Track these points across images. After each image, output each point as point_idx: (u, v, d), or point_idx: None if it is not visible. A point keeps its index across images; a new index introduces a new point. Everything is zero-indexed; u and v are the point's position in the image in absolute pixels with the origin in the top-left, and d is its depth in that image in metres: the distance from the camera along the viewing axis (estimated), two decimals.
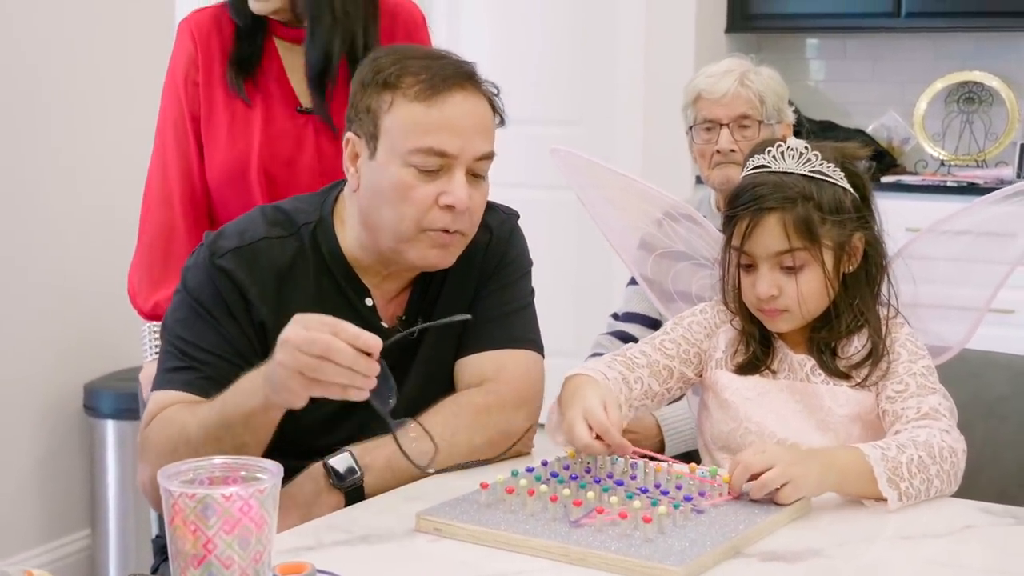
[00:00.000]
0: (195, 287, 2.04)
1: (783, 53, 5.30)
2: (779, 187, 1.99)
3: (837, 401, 2.02)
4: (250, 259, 2.03)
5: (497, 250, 2.18)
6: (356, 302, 2.08)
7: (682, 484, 1.85)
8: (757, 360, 2.08)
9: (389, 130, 1.98)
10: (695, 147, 3.00)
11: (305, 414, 2.05)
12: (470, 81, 2.01)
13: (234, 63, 2.62)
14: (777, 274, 2.01)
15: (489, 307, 2.15)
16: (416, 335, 2.10)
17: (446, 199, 1.96)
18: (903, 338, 2.06)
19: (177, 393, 1.99)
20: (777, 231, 1.99)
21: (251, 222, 2.10)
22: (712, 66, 3.03)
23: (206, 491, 1.32)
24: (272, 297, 2.03)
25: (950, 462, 1.90)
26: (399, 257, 2.03)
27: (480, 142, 1.99)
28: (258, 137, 2.60)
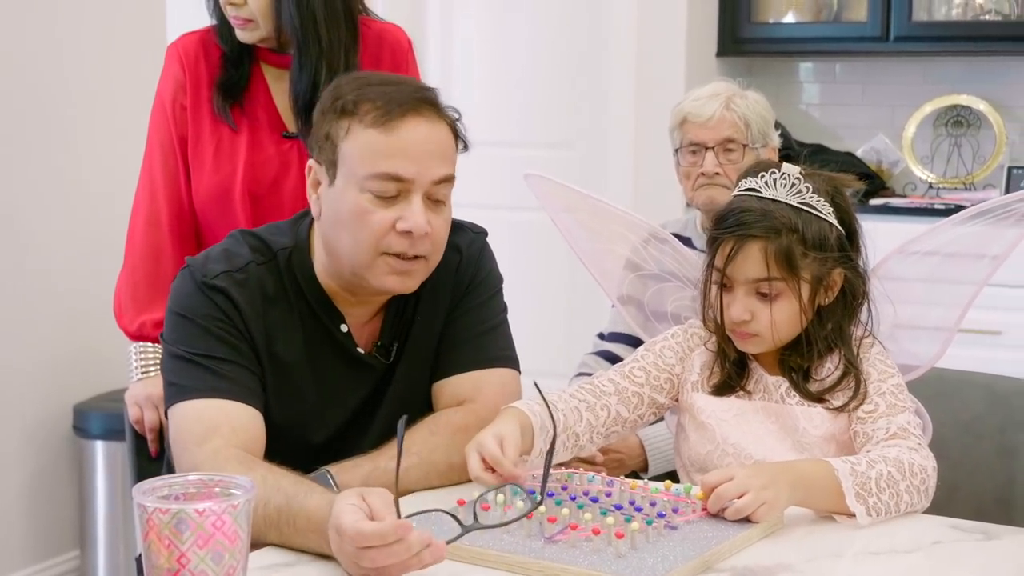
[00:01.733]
0: (188, 305, 2.05)
1: (773, 77, 5.34)
2: (766, 215, 2.01)
3: (812, 422, 2.05)
4: (241, 282, 2.06)
5: (468, 270, 2.21)
6: (332, 329, 2.11)
7: (656, 501, 1.88)
8: (732, 381, 2.10)
9: (347, 157, 1.99)
10: (680, 169, 3.04)
11: (315, 433, 2.10)
12: (427, 106, 2.01)
13: (220, 89, 2.65)
14: (752, 299, 2.03)
15: (463, 328, 2.18)
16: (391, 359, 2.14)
17: (403, 224, 1.97)
18: (872, 358, 2.08)
19: (207, 401, 1.98)
20: (758, 259, 2.00)
21: (233, 246, 2.12)
22: (699, 89, 3.06)
23: (180, 506, 1.35)
24: (261, 322, 2.06)
25: (920, 478, 1.93)
26: (361, 282, 2.05)
27: (437, 166, 2.00)
28: (243, 161, 2.63)
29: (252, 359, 2.04)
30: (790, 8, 5.23)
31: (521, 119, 5.26)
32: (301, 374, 2.09)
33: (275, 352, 2.06)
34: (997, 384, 2.45)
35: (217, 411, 1.98)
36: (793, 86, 5.49)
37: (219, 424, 1.96)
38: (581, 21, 5.15)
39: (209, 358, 2.01)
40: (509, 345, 2.25)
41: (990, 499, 2.34)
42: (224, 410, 1.98)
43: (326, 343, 2.11)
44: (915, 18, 4.94)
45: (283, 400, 2.08)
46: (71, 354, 3.86)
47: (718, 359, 2.13)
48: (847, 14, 5.15)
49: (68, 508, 3.88)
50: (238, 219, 2.61)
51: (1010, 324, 4.32)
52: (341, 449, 2.08)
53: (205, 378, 2.00)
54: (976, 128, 5.13)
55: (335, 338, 2.11)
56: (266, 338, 2.06)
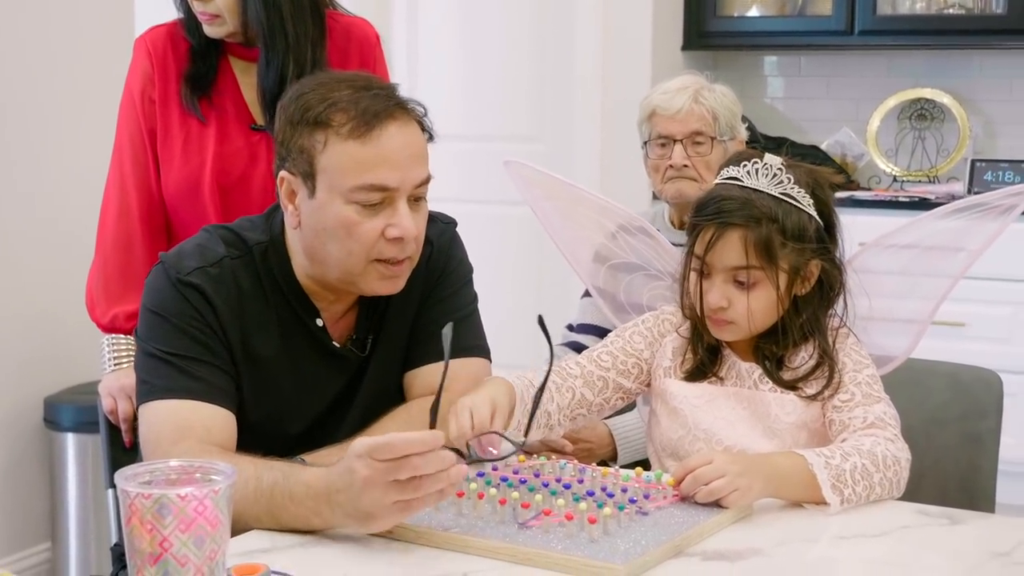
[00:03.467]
0: (162, 303, 2.06)
1: (739, 70, 5.38)
2: (747, 204, 2.03)
3: (784, 409, 2.08)
4: (216, 278, 2.06)
5: (439, 261, 2.23)
6: (309, 323, 2.13)
7: (628, 488, 1.91)
8: (704, 367, 2.13)
9: (326, 169, 2.00)
10: (649, 162, 3.06)
11: (291, 426, 2.11)
12: (400, 110, 2.03)
13: (188, 82, 2.66)
14: (729, 287, 2.06)
15: (435, 318, 2.19)
16: (367, 354, 2.17)
17: (393, 232, 2.00)
18: (847, 348, 2.11)
19: (180, 402, 2.00)
20: (737, 247, 2.03)
21: (207, 241, 2.13)
22: (667, 83, 3.09)
23: (162, 491, 1.37)
24: (237, 318, 2.07)
25: (893, 470, 1.97)
26: (350, 288, 2.08)
27: (418, 170, 2.03)
28: (212, 153, 2.64)
29: (226, 359, 2.06)
30: (755, 2, 5.27)
31: (487, 113, 5.29)
32: (277, 369, 2.11)
33: (250, 348, 2.08)
34: (961, 373, 2.49)
35: (190, 412, 1.99)
36: (758, 80, 5.53)
37: (192, 425, 1.98)
38: (547, 15, 5.17)
39: (183, 358, 2.03)
40: (480, 335, 2.28)
41: (954, 485, 2.38)
42: (197, 411, 2.00)
43: (301, 337, 2.13)
44: (880, 12, 4.99)
45: (259, 395, 2.09)
46: (41, 347, 3.86)
47: (691, 345, 2.16)
48: (812, 8, 5.19)
49: (39, 500, 3.88)
50: (207, 211, 2.62)
51: (975, 316, 4.38)
52: (317, 441, 2.10)
53: (178, 378, 2.02)
54: (940, 121, 5.18)
55: (310, 332, 2.13)
56: (241, 334, 2.07)
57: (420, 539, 1.76)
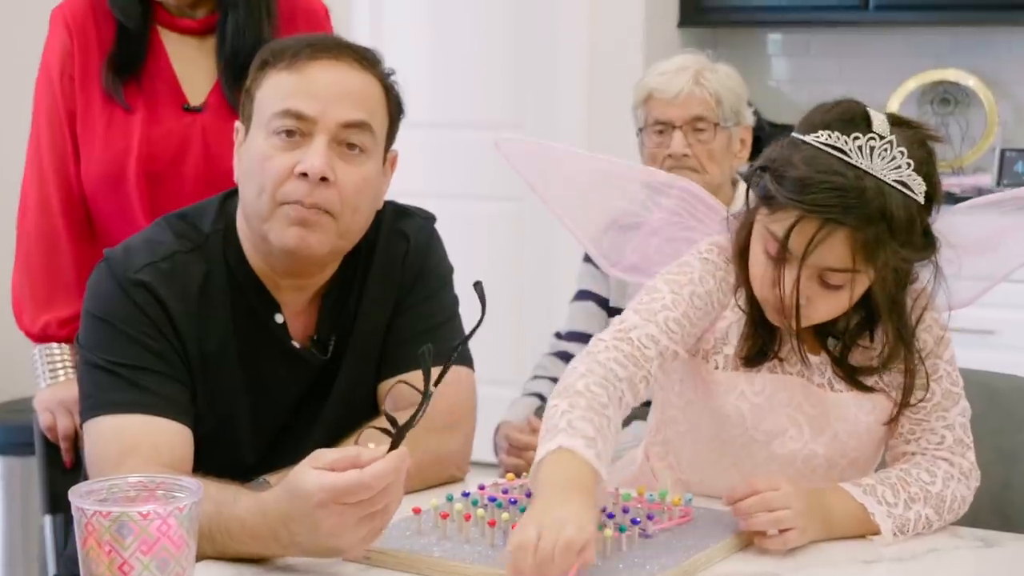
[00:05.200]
0: (108, 307, 2.08)
1: (741, 50, 5.39)
2: (861, 199, 1.90)
3: (847, 410, 2.06)
4: (168, 274, 2.09)
5: (416, 259, 2.26)
6: (266, 319, 2.15)
7: (629, 507, 1.94)
8: (765, 349, 2.06)
9: (259, 104, 2.09)
10: (646, 151, 3.11)
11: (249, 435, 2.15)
12: (347, 52, 2.10)
13: (113, 65, 2.65)
14: (813, 284, 1.96)
15: (412, 322, 2.23)
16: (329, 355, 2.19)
17: (300, 166, 2.02)
18: (927, 321, 2.06)
19: (128, 417, 2.02)
20: (843, 250, 1.91)
21: (157, 234, 2.15)
22: (664, 63, 3.14)
23: (122, 509, 1.40)
24: (191, 318, 2.09)
25: (955, 514, 2.02)
26: (268, 244, 2.08)
27: (346, 108, 2.06)
28: (138, 138, 2.63)
29: (180, 366, 2.08)
30: None
31: (461, 97, 5.32)
32: (232, 371, 2.13)
33: (206, 348, 2.10)
34: (995, 383, 2.50)
35: (138, 428, 2.01)
36: (762, 60, 5.57)
37: (139, 443, 1.99)
38: None
39: (130, 368, 2.04)
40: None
41: (987, 505, 2.41)
42: (146, 427, 2.01)
43: (258, 335, 2.15)
44: None
45: (214, 402, 2.12)
46: None
47: (748, 325, 2.07)
48: None
49: None
50: (132, 202, 2.62)
51: (1005, 322, 4.42)
52: (280, 456, 2.11)
53: (125, 390, 2.03)
54: (965, 106, 5.22)
55: (268, 330, 2.15)
56: (196, 334, 2.09)
57: (401, 565, 1.79)
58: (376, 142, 2.11)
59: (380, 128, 2.12)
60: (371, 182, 2.12)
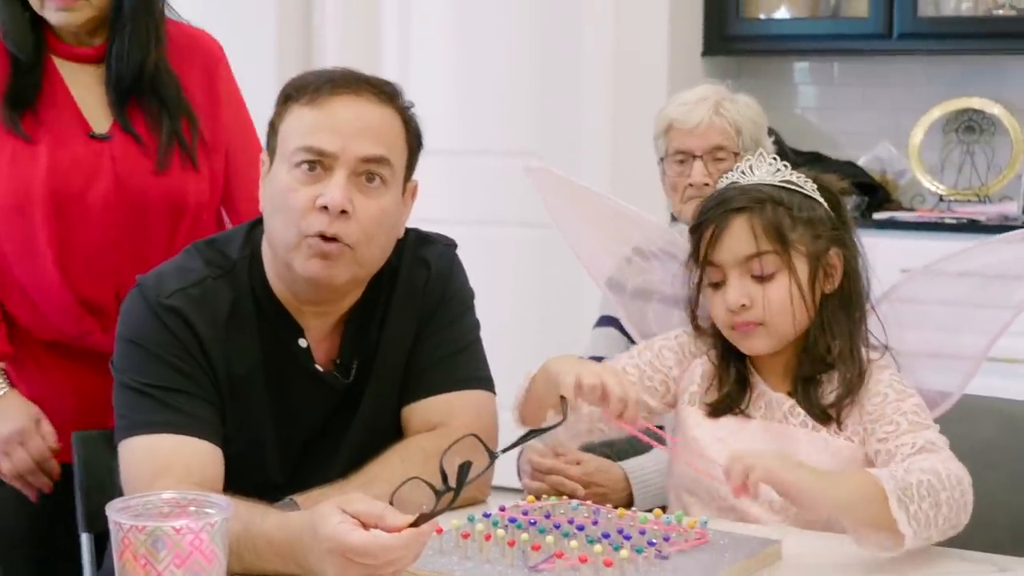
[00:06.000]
0: (140, 331, 2.17)
1: (765, 79, 5.45)
2: (746, 191, 2.15)
3: (815, 446, 2.15)
4: (198, 299, 2.18)
5: (437, 286, 2.34)
6: (290, 343, 2.23)
7: (646, 530, 2.01)
8: (731, 400, 2.21)
9: (282, 139, 2.17)
10: (667, 180, 3.17)
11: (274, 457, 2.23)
12: (366, 87, 2.19)
13: (9, 100, 2.63)
14: (747, 282, 2.14)
15: (434, 348, 2.31)
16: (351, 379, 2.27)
17: (320, 200, 2.11)
18: (887, 379, 2.17)
19: (160, 436, 2.11)
20: (745, 233, 2.13)
21: (187, 260, 2.25)
22: (685, 93, 3.20)
23: (156, 524, 1.48)
24: (220, 342, 2.18)
25: (959, 490, 2.00)
26: (292, 273, 2.17)
27: (365, 143, 2.14)
28: (44, 167, 2.61)
29: (209, 387, 2.17)
30: (783, 2, 5.36)
31: (485, 125, 5.37)
32: (257, 393, 2.22)
33: (233, 371, 2.19)
34: (1014, 410, 2.55)
35: (170, 448, 2.10)
36: (787, 88, 5.62)
37: (171, 462, 2.08)
38: (553, 17, 5.26)
39: (162, 389, 2.13)
40: (483, 365, 2.39)
41: (1005, 532, 2.43)
42: (178, 446, 2.10)
43: (284, 359, 2.23)
44: (921, 13, 5.06)
45: (241, 424, 2.20)
46: None
47: (718, 374, 2.23)
48: (846, 9, 5.28)
49: None
50: (37, 232, 2.61)
51: None
52: (307, 476, 2.19)
53: (157, 411, 2.12)
54: (990, 134, 5.26)
55: (292, 354, 2.23)
56: (225, 357, 2.18)
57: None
58: (395, 174, 2.19)
59: (399, 161, 2.20)
60: (390, 213, 2.20)
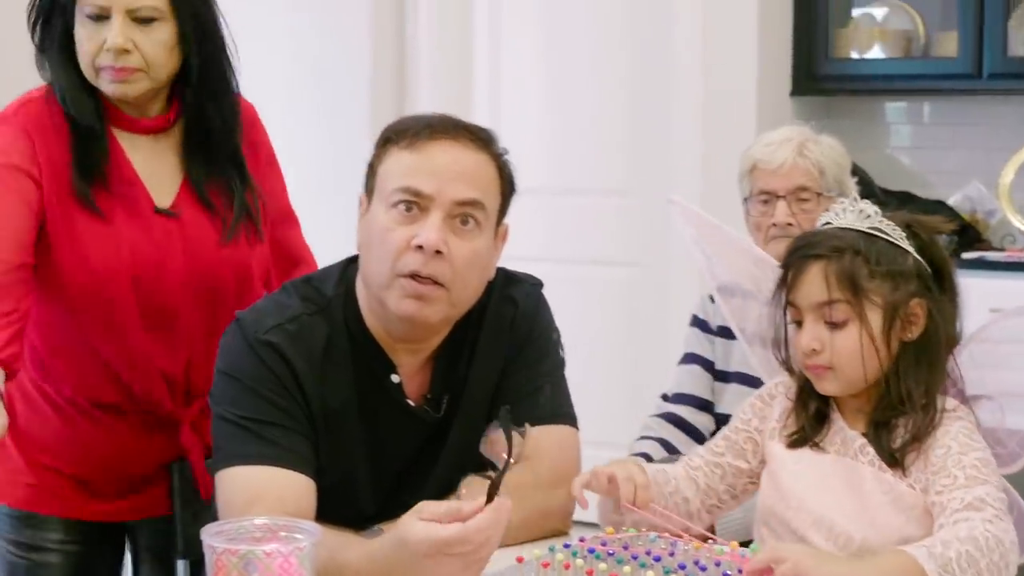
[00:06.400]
0: (237, 366, 2.28)
1: (855, 118, 5.50)
2: (830, 237, 2.19)
3: (880, 487, 2.18)
4: (294, 335, 2.28)
5: (523, 323, 2.43)
6: (384, 379, 2.33)
7: (722, 561, 2.07)
8: (807, 434, 2.26)
9: (380, 179, 2.28)
10: (751, 219, 3.24)
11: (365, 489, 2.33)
12: (464, 133, 2.29)
13: (80, 171, 2.54)
14: (820, 327, 2.18)
15: (520, 383, 2.40)
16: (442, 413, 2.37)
17: (416, 240, 2.20)
18: (956, 430, 2.18)
19: (255, 468, 2.21)
20: (818, 280, 2.17)
21: (284, 297, 2.36)
22: (769, 134, 3.27)
23: (249, 547, 1.58)
24: (315, 376, 2.28)
25: (998, 552, 2.01)
26: (385, 311, 2.27)
27: (461, 187, 2.24)
28: (122, 249, 2.56)
29: (304, 421, 2.26)
30: (873, 43, 5.40)
31: (575, 164, 5.46)
32: (352, 427, 2.32)
33: (328, 405, 2.29)
34: None
35: (264, 479, 2.20)
36: (877, 128, 5.65)
37: (264, 492, 2.18)
38: (642, 58, 5.33)
39: (257, 422, 2.24)
40: (567, 401, 2.47)
41: None
42: (271, 477, 2.20)
43: (376, 394, 2.33)
44: (1011, 52, 5.08)
45: (333, 455, 2.30)
46: None
47: (796, 409, 2.29)
48: (936, 49, 5.31)
49: None
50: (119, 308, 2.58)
51: None
52: (397, 507, 2.26)
53: (253, 443, 2.23)
54: None
55: (386, 388, 2.33)
56: (320, 392, 2.28)
57: None
58: (488, 217, 2.28)
59: (492, 204, 2.29)
60: (481, 255, 2.29)
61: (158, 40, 2.50)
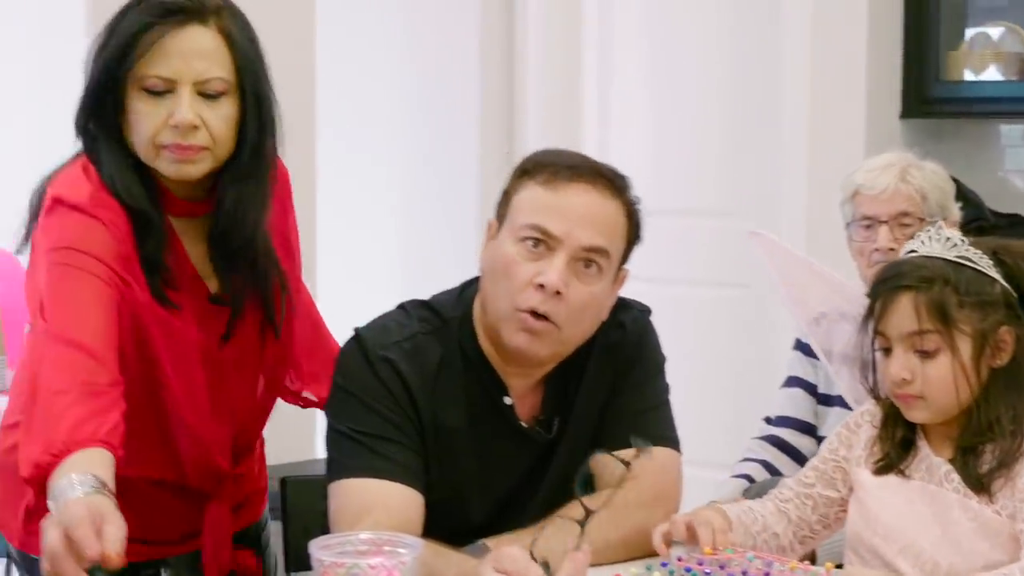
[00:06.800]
0: (354, 381, 2.38)
1: (966, 141, 5.45)
2: (919, 267, 2.23)
3: (966, 514, 2.21)
4: (410, 352, 2.38)
5: (631, 347, 2.50)
6: (497, 400, 2.41)
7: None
8: (892, 461, 2.30)
9: (513, 210, 2.35)
10: (853, 245, 3.28)
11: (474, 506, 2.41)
12: (600, 178, 2.36)
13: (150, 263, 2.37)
14: (910, 356, 2.23)
15: (624, 406, 2.47)
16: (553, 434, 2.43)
17: (539, 278, 2.28)
18: None
19: (366, 480, 2.30)
20: (908, 310, 2.21)
21: (402, 316, 2.45)
22: (872, 160, 3.32)
23: (354, 560, 1.66)
24: (428, 393, 2.37)
25: None
26: (500, 339, 2.35)
27: (590, 233, 2.31)
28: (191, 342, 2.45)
29: (415, 437, 2.35)
30: (986, 64, 5.37)
31: (681, 185, 5.48)
32: (464, 446, 2.40)
33: (440, 422, 2.38)
34: None
35: (374, 491, 2.29)
36: (989, 151, 5.60)
37: (373, 505, 2.26)
38: (749, 80, 5.36)
39: (371, 436, 2.33)
40: (671, 426, 2.54)
41: None
42: (381, 490, 2.29)
43: (489, 415, 2.42)
44: None
45: (444, 471, 2.38)
46: None
47: (881, 436, 2.34)
48: None
49: None
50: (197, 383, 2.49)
51: None
52: (505, 521, 2.37)
53: (365, 456, 2.32)
54: None
55: (498, 410, 2.42)
56: (432, 408, 2.37)
57: None
58: (610, 264, 2.36)
59: (616, 252, 2.37)
60: (598, 299, 2.37)
61: (225, 115, 2.33)
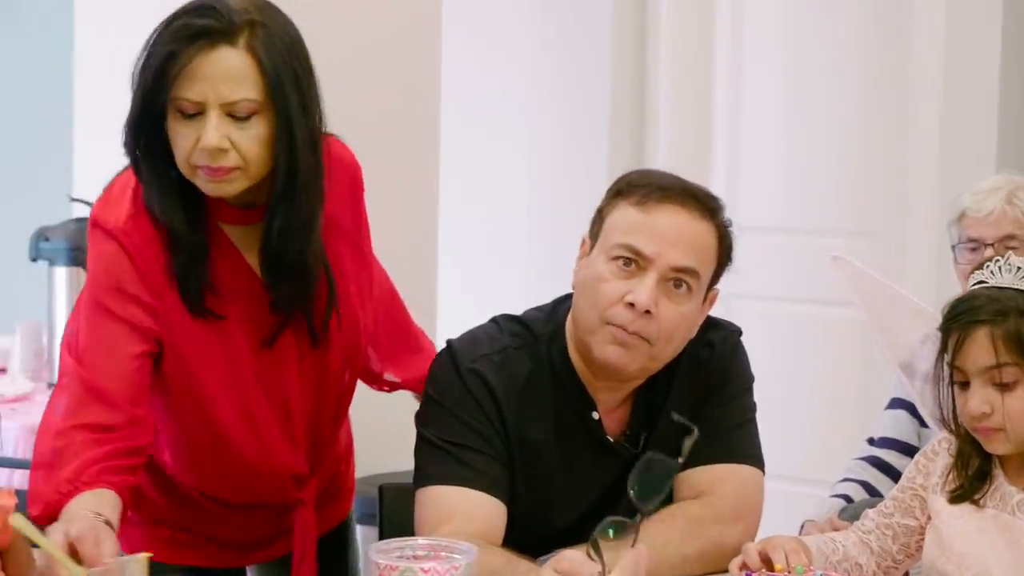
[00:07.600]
0: (444, 391, 2.47)
1: None
2: (992, 300, 2.27)
3: None
4: (499, 365, 2.47)
5: (719, 365, 2.57)
6: (584, 414, 2.49)
7: None
8: (966, 491, 2.34)
9: (606, 229, 2.43)
10: (959, 267, 3.31)
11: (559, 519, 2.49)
12: (691, 200, 2.42)
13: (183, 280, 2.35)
14: (989, 391, 2.26)
15: (709, 422, 2.50)
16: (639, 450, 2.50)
17: (629, 297, 2.35)
18: None
19: (449, 488, 2.39)
20: (985, 345, 2.25)
21: (493, 330, 2.55)
22: (980, 183, 3.35)
23: (408, 564, 1.76)
24: (516, 406, 2.46)
25: None
26: (590, 352, 2.42)
27: (680, 253, 2.38)
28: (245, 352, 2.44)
29: (501, 448, 2.44)
30: None
31: (813, 204, 5.49)
32: (550, 459, 2.49)
33: (526, 435, 2.47)
34: None
35: (456, 499, 2.39)
36: None
37: (453, 512, 2.36)
38: (882, 100, 5.37)
39: (457, 446, 2.42)
40: (755, 444, 2.60)
41: None
42: (463, 498, 2.39)
43: (576, 429, 2.50)
44: None
45: (530, 484, 2.48)
46: None
47: (957, 466, 2.37)
48: None
49: None
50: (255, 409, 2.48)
51: None
52: (582, 538, 2.42)
53: (449, 465, 2.42)
54: None
55: (585, 424, 2.50)
56: (519, 421, 2.46)
57: None
58: (700, 285, 2.43)
59: (706, 272, 2.44)
60: (688, 318, 2.44)
61: (255, 135, 2.27)
